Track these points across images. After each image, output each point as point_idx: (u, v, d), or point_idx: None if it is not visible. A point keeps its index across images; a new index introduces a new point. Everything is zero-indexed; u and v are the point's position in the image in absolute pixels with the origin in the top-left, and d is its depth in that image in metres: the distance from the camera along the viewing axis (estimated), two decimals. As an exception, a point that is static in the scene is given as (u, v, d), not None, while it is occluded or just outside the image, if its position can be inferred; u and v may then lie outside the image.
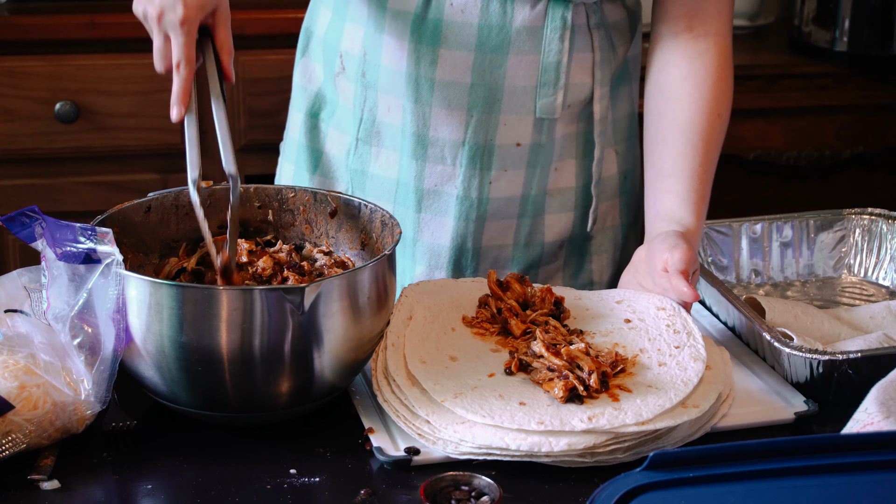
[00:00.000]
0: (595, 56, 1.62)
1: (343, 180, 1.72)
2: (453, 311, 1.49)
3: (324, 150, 1.74)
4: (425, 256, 1.68)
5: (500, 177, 1.64)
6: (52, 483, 1.23)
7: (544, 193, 1.67)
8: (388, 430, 1.32)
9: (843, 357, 1.37)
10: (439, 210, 1.66)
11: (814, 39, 2.89)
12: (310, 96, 1.75)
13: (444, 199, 1.65)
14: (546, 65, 1.59)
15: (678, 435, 1.31)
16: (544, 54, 1.58)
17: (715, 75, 1.60)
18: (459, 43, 1.58)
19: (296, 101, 1.78)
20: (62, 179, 2.61)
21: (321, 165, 1.74)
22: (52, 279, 1.32)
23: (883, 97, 2.85)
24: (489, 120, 1.61)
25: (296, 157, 1.77)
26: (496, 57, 1.58)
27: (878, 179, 2.94)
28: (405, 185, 1.66)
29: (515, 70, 1.59)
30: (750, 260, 1.73)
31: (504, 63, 1.58)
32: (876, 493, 1.04)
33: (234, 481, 1.24)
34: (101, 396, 1.28)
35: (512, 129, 1.61)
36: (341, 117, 1.71)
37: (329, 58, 1.71)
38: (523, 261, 1.69)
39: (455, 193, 1.64)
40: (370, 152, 1.68)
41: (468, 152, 1.62)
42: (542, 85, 1.59)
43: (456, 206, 1.65)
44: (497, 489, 1.18)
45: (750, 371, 1.47)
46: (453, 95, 1.60)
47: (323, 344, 1.29)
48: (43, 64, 2.53)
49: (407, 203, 1.67)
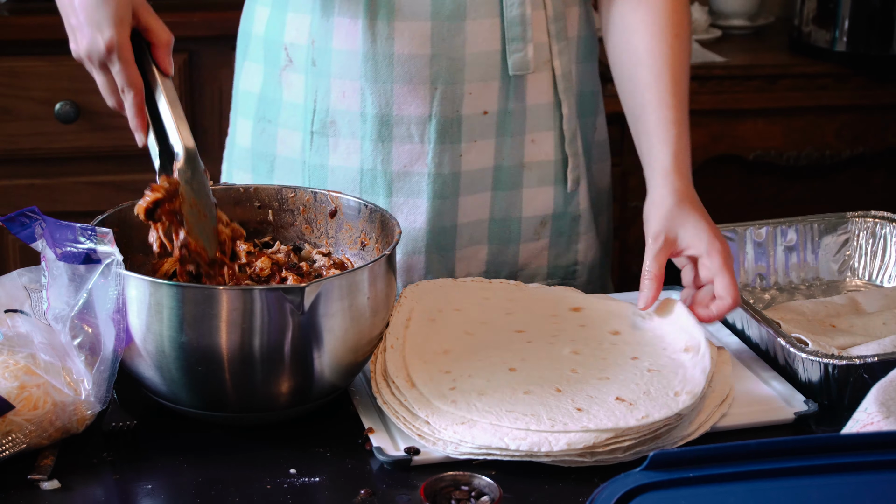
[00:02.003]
0: (547, 11, 1.61)
1: (299, 180, 1.67)
2: (453, 312, 1.49)
3: (276, 153, 1.69)
4: (402, 242, 1.63)
5: (469, 148, 1.61)
6: (52, 483, 1.23)
7: (521, 166, 1.64)
8: (388, 430, 1.32)
9: (859, 362, 1.36)
10: (411, 191, 1.62)
11: (814, 39, 2.89)
12: (254, 100, 1.70)
13: (415, 179, 1.62)
14: (510, 19, 1.57)
15: (678, 434, 1.31)
16: (506, 9, 1.57)
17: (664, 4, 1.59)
18: (414, 13, 1.56)
19: (241, 108, 1.73)
20: (62, 179, 2.61)
21: (275, 169, 1.69)
22: (52, 279, 1.32)
23: (883, 97, 2.85)
24: (454, 91, 1.58)
25: (251, 165, 1.72)
26: (453, 25, 1.56)
27: (878, 179, 2.95)
28: (371, 172, 1.62)
29: (475, 36, 1.57)
30: (755, 264, 1.71)
31: (463, 29, 1.56)
32: (876, 493, 1.04)
33: (234, 481, 1.24)
34: (101, 396, 1.28)
35: (478, 97, 1.59)
36: (289, 115, 1.67)
37: (271, 54, 1.67)
38: (499, 236, 1.66)
39: (426, 172, 1.61)
40: (327, 144, 1.64)
41: (436, 127, 1.59)
42: (510, 41, 1.57)
43: (428, 184, 1.61)
44: (497, 489, 1.18)
45: (750, 371, 1.47)
46: (415, 69, 1.57)
47: (323, 344, 1.29)
48: (43, 64, 2.53)
49: (375, 190, 1.63)
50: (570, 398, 1.31)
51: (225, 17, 2.59)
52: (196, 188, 1.34)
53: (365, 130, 1.61)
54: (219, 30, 2.58)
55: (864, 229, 1.74)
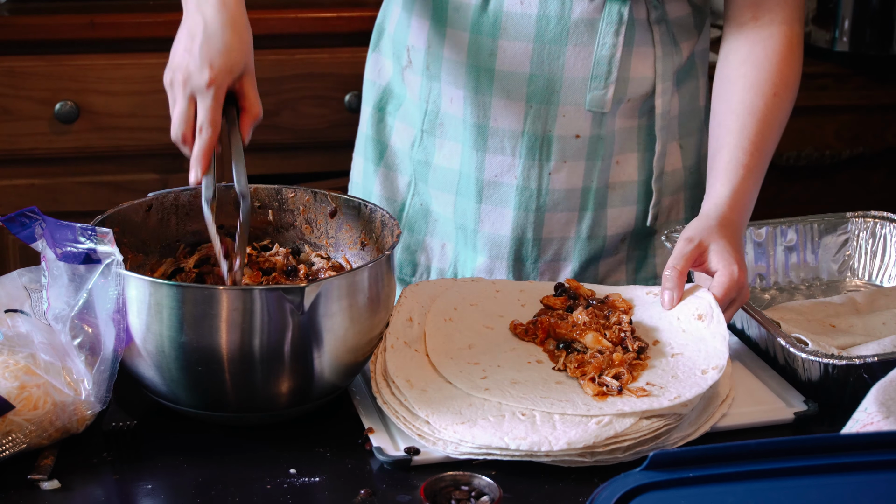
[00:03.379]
0: (656, 51, 1.64)
1: (406, 172, 1.75)
2: (469, 308, 1.49)
3: (389, 142, 1.76)
4: (486, 247, 1.70)
5: (559, 168, 1.65)
6: (52, 483, 1.23)
7: (606, 187, 1.68)
8: (387, 429, 1.32)
9: (859, 362, 1.36)
10: (499, 200, 1.67)
11: (814, 39, 2.89)
12: (378, 90, 1.78)
13: (503, 189, 1.67)
14: (599, 58, 1.60)
15: (678, 434, 1.31)
16: (598, 47, 1.60)
17: (775, 59, 1.60)
18: (518, 34, 1.60)
19: (366, 95, 1.81)
20: (62, 179, 2.60)
21: (385, 157, 1.76)
22: (53, 279, 1.32)
23: (883, 97, 2.85)
24: (547, 111, 1.62)
25: (364, 149, 1.80)
26: (554, 48, 1.60)
27: (878, 179, 2.95)
28: (466, 176, 1.68)
29: (574, 62, 1.60)
30: (755, 264, 1.71)
31: (562, 54, 1.60)
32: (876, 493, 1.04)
33: (234, 481, 1.24)
34: (101, 396, 1.28)
35: (570, 120, 1.63)
36: (408, 110, 1.73)
37: (398, 52, 1.74)
38: (585, 254, 1.71)
39: (515, 184, 1.66)
40: (434, 143, 1.71)
41: (527, 143, 1.64)
42: (593, 78, 1.61)
43: (515, 196, 1.66)
44: (497, 489, 1.18)
45: (750, 371, 1.47)
46: (512, 86, 1.62)
47: (323, 344, 1.29)
48: (43, 64, 2.53)
49: (468, 194, 1.68)
50: None
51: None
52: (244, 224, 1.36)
53: (465, 137, 1.67)
54: (219, 30, 2.58)
55: (863, 229, 1.74)
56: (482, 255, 1.70)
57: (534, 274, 1.70)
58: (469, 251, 1.71)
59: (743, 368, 1.47)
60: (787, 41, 1.61)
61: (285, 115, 2.63)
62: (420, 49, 1.69)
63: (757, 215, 1.84)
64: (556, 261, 1.70)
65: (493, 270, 1.70)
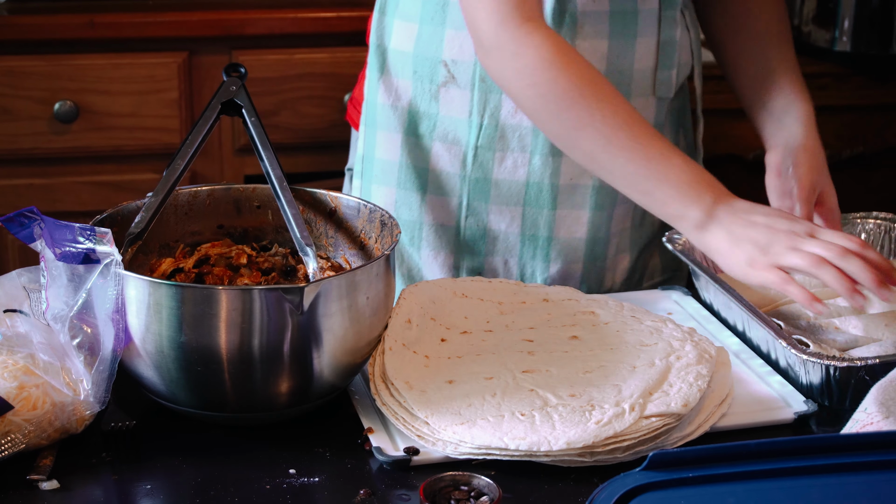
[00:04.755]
0: (691, 34, 1.69)
1: (455, 193, 1.68)
2: (454, 312, 1.49)
3: (429, 166, 1.69)
4: (562, 253, 1.69)
5: None
6: (51, 483, 1.22)
7: None
8: (387, 430, 1.32)
9: (860, 363, 1.36)
10: (575, 204, 1.67)
11: (814, 39, 2.88)
12: (402, 114, 1.70)
13: (580, 191, 1.66)
14: (663, 42, 1.63)
15: (678, 434, 1.31)
16: (662, 33, 1.62)
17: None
18: (595, 32, 1.60)
19: (383, 122, 1.71)
20: (61, 179, 2.60)
21: (429, 182, 1.70)
22: (52, 279, 1.32)
23: (883, 97, 2.85)
24: None
25: (398, 179, 1.71)
26: (626, 42, 1.61)
27: (877, 179, 2.94)
28: (537, 185, 1.66)
29: (642, 53, 1.62)
30: None
31: (633, 47, 1.61)
32: (876, 493, 1.04)
33: (234, 481, 1.24)
34: (101, 396, 1.28)
35: (640, 112, 1.60)
36: (447, 129, 1.67)
37: (425, 70, 1.66)
38: (639, 244, 1.74)
39: (591, 184, 1.66)
40: (492, 158, 1.66)
41: None
42: (661, 67, 1.63)
43: (592, 196, 1.67)
44: (496, 489, 1.18)
45: (750, 371, 1.47)
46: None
47: (322, 344, 1.29)
48: (42, 64, 2.53)
49: (540, 203, 1.67)
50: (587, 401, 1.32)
51: (225, 17, 2.59)
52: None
53: (535, 144, 1.65)
54: (219, 30, 2.58)
55: (865, 230, 1.73)
56: (556, 263, 1.69)
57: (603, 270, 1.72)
58: (539, 261, 1.69)
59: (743, 368, 1.47)
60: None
61: (285, 115, 2.63)
62: (466, 62, 1.63)
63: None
64: (617, 254, 1.72)
65: (571, 274, 1.70)
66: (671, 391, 1.33)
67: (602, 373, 1.37)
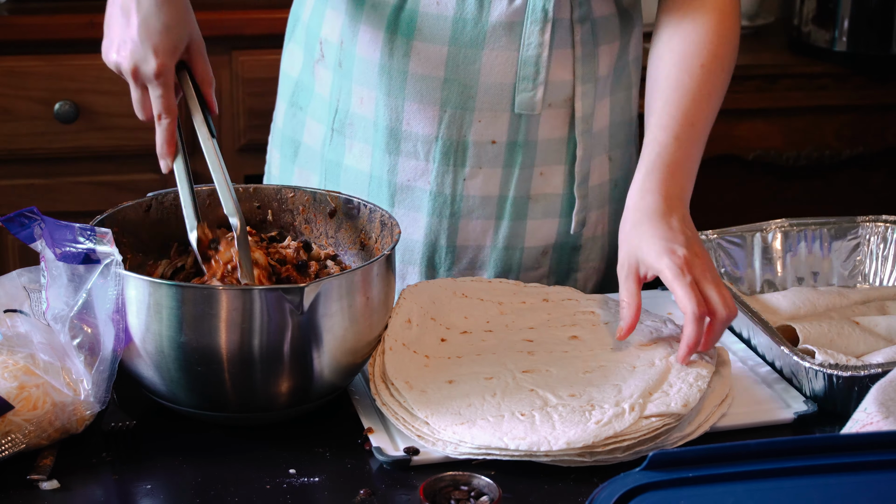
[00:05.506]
0: (576, 51, 1.59)
1: (317, 171, 1.69)
2: (454, 312, 1.49)
3: (301, 139, 1.72)
4: (399, 251, 1.64)
5: (474, 174, 1.61)
6: (51, 483, 1.23)
7: (527, 197, 1.63)
8: (387, 430, 1.32)
9: (864, 373, 1.35)
10: (412, 205, 1.63)
11: (813, 39, 2.89)
12: (291, 84, 1.73)
13: (416, 194, 1.62)
14: (525, 59, 1.55)
15: (678, 434, 1.31)
16: (523, 48, 1.55)
17: (705, 28, 1.54)
18: (434, 36, 1.56)
19: (281, 89, 1.77)
20: (61, 179, 2.61)
21: (299, 155, 1.72)
22: (52, 279, 1.32)
23: (883, 97, 2.85)
24: (463, 116, 1.58)
25: (280, 145, 1.76)
26: (470, 52, 1.56)
27: (877, 179, 2.95)
28: (378, 179, 1.64)
29: (490, 66, 1.56)
30: (763, 269, 1.69)
31: (479, 59, 1.56)
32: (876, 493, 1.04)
33: (234, 481, 1.24)
34: (101, 396, 1.28)
35: (487, 125, 1.59)
36: (317, 106, 1.69)
37: (310, 44, 1.69)
38: (500, 263, 1.66)
39: (428, 189, 1.62)
40: (344, 143, 1.66)
41: (441, 148, 1.60)
42: (520, 80, 1.56)
43: (429, 201, 1.62)
44: (496, 489, 1.18)
45: (750, 371, 1.47)
46: (426, 90, 1.58)
47: (322, 344, 1.29)
48: (42, 64, 2.53)
49: (380, 197, 1.64)
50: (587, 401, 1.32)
51: (225, 17, 2.59)
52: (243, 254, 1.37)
53: (376, 139, 1.62)
54: (219, 30, 2.58)
55: (874, 234, 1.71)
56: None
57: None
58: None
59: (743, 369, 1.47)
60: (720, 9, 1.55)
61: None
62: (333, 43, 1.64)
63: (756, 216, 1.84)
64: (470, 269, 1.66)
65: (405, 275, 1.66)
66: (671, 391, 1.33)
67: (602, 373, 1.37)
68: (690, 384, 1.34)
